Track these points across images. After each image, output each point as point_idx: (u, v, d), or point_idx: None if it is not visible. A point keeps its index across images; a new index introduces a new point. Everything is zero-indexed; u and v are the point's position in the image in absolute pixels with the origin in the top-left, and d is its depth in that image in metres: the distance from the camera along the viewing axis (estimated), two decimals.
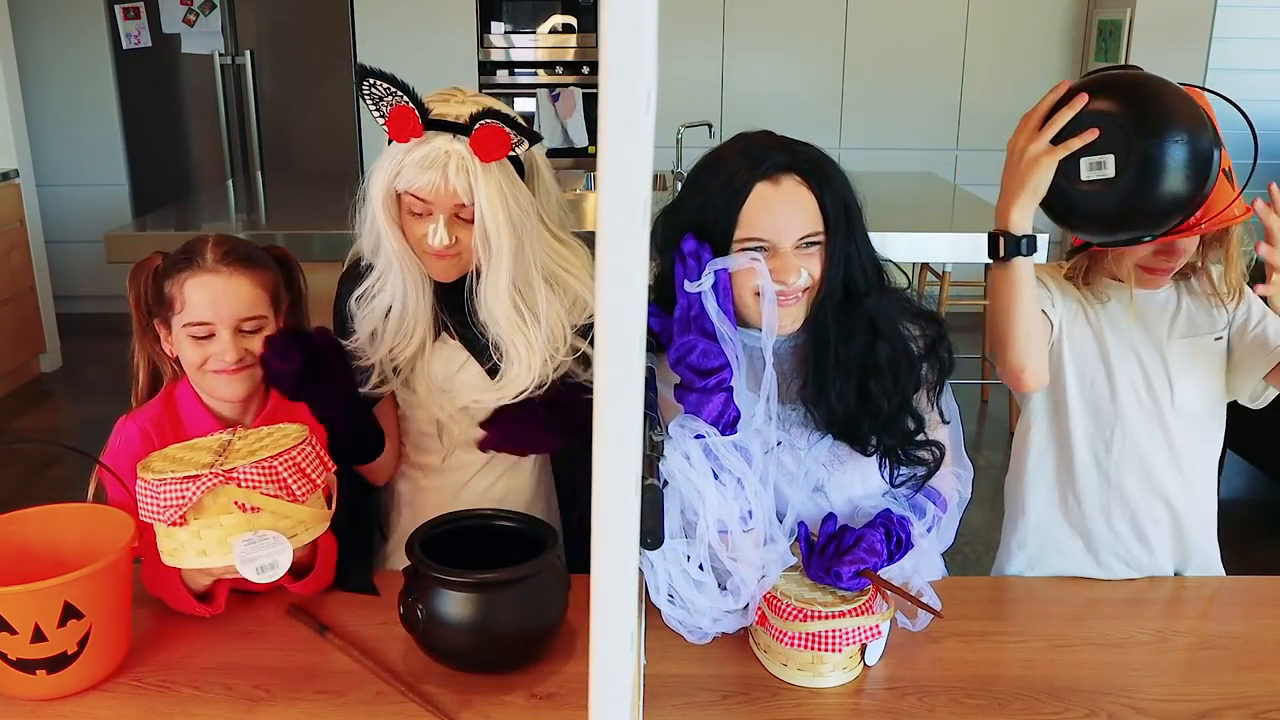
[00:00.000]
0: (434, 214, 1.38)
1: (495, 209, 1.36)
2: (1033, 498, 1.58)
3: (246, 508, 1.22)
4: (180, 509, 1.20)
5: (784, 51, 5.30)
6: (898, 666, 1.30)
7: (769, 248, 1.29)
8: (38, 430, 4.19)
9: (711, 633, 1.32)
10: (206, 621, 1.36)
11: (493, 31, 5.32)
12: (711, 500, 1.28)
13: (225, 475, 1.21)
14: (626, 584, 0.59)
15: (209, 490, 1.21)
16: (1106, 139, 1.26)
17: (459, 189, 1.35)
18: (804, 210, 1.29)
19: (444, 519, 1.37)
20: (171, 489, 1.21)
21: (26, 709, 1.21)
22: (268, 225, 3.58)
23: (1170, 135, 1.24)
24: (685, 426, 1.29)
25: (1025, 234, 1.30)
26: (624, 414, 0.55)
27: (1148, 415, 1.49)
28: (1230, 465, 3.73)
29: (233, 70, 5.43)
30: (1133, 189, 1.26)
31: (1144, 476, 1.51)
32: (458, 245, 1.40)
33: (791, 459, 1.38)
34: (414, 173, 1.35)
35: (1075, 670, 1.30)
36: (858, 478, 1.41)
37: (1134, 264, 1.45)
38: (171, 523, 1.21)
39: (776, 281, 1.28)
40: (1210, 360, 1.50)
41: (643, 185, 0.51)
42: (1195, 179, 1.26)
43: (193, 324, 1.39)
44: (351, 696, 1.23)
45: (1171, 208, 1.28)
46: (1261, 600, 1.48)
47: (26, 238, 4.68)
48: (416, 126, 1.35)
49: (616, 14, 0.48)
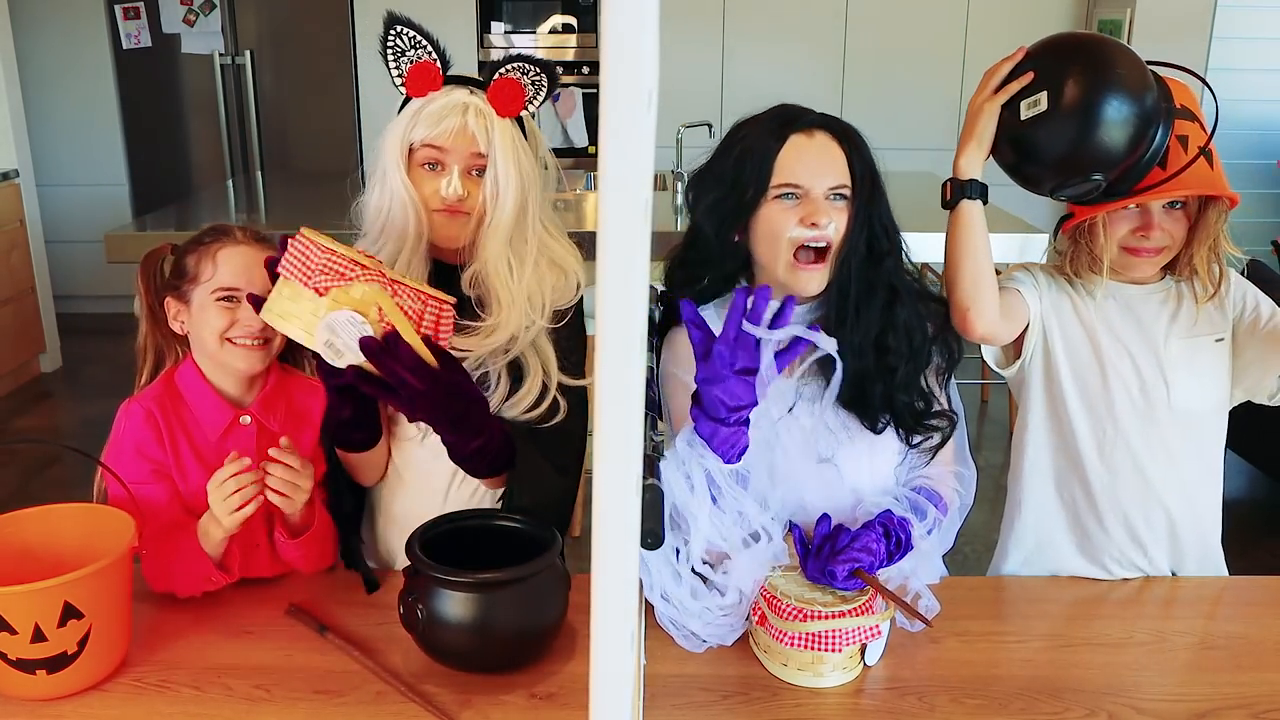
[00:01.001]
0: (448, 166, 1.39)
1: (508, 160, 1.38)
2: (1029, 495, 1.58)
3: (382, 318, 1.24)
4: (334, 279, 1.22)
5: (784, 51, 5.30)
6: (898, 666, 1.30)
7: (802, 194, 1.35)
8: (38, 430, 4.19)
9: (705, 638, 1.31)
10: (206, 621, 1.36)
11: (493, 31, 5.32)
12: (703, 524, 1.29)
13: (389, 281, 1.24)
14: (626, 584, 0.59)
15: (368, 282, 1.23)
16: (1042, 78, 1.36)
17: (477, 135, 1.37)
18: (835, 163, 1.36)
19: (444, 519, 1.37)
20: (337, 260, 1.22)
21: (26, 709, 1.21)
22: (268, 225, 3.58)
23: (1101, 70, 1.33)
24: (692, 448, 1.29)
25: (971, 178, 1.41)
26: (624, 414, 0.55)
27: (1141, 415, 1.49)
28: (1230, 465, 3.72)
29: (233, 70, 5.43)
30: (1068, 118, 1.34)
31: (1138, 477, 1.51)
32: (469, 200, 1.40)
33: (801, 429, 1.41)
34: (432, 121, 1.37)
35: (1075, 670, 1.30)
36: (865, 452, 1.42)
37: (1117, 246, 1.45)
38: (314, 287, 1.22)
39: (809, 225, 1.34)
40: (1212, 362, 1.50)
41: (643, 185, 0.51)
42: (1131, 117, 1.32)
43: (223, 289, 1.42)
44: (351, 696, 1.23)
45: (1109, 141, 1.33)
46: (1261, 600, 1.48)
47: (26, 238, 4.68)
48: (437, 78, 1.38)
49: (617, 14, 0.48)
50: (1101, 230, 1.44)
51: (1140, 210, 1.42)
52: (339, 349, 1.24)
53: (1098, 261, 1.46)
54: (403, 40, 1.38)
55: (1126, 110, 1.32)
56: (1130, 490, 1.51)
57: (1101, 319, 1.49)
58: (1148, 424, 1.49)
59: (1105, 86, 1.32)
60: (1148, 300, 1.50)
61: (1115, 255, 1.45)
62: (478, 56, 5.31)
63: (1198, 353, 1.49)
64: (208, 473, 1.43)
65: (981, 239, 1.42)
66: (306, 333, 1.25)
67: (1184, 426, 1.50)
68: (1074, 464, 1.53)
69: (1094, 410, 1.51)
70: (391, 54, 1.39)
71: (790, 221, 1.34)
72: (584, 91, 5.32)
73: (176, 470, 1.47)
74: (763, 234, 1.37)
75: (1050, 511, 1.57)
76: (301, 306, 1.24)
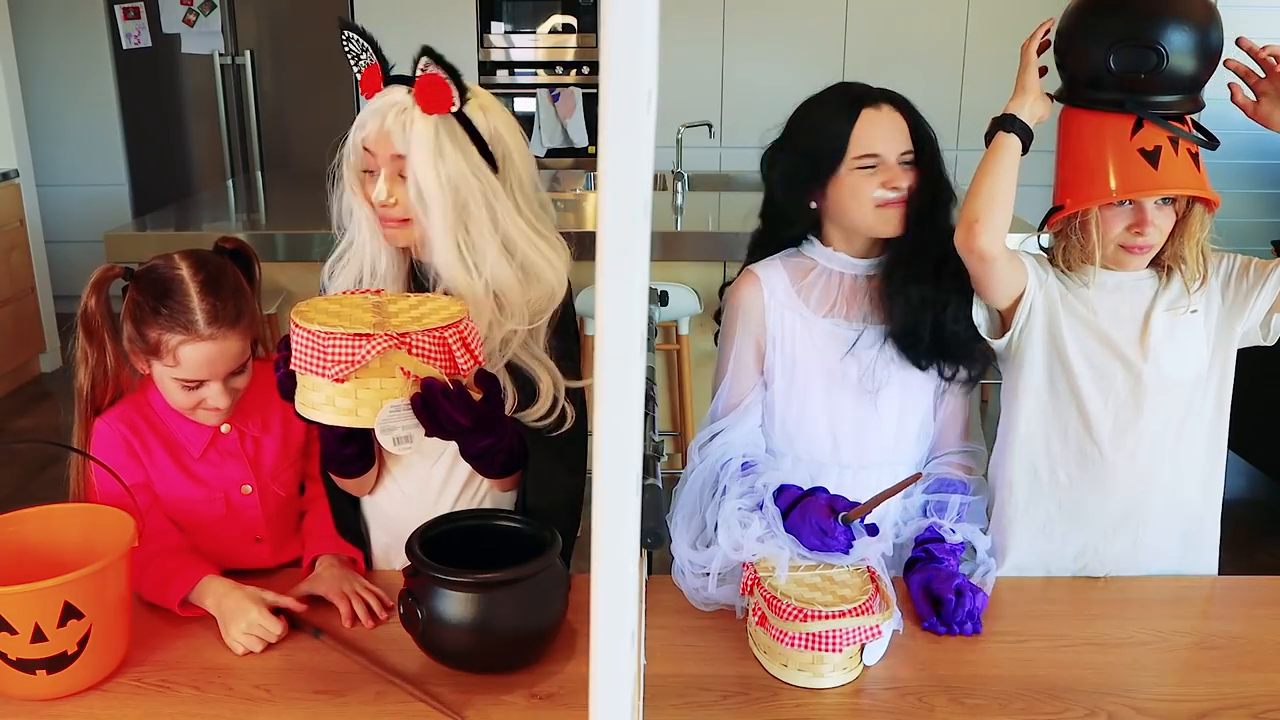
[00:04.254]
0: (377, 170, 1.38)
1: (425, 161, 1.33)
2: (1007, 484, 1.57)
3: (410, 375, 1.21)
4: (348, 366, 1.17)
5: (784, 51, 5.30)
6: (898, 666, 1.30)
7: (879, 162, 1.49)
8: (38, 430, 4.18)
9: (715, 594, 1.41)
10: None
11: (493, 31, 5.32)
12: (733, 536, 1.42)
13: (400, 339, 1.19)
14: (626, 584, 0.59)
15: (380, 353, 1.18)
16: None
17: (394, 135, 1.34)
18: (902, 131, 1.51)
19: (444, 519, 1.37)
20: (342, 344, 1.17)
21: (26, 709, 1.21)
22: (268, 225, 3.58)
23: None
24: (771, 534, 1.40)
25: (1011, 114, 1.47)
26: (624, 414, 0.55)
27: (1129, 392, 1.49)
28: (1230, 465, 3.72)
29: (233, 70, 5.43)
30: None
31: (1128, 457, 1.50)
32: (397, 207, 1.37)
33: (855, 365, 1.56)
34: (364, 122, 1.37)
35: (1075, 670, 1.30)
36: (897, 393, 1.56)
37: (1113, 242, 1.45)
38: (335, 379, 1.18)
39: (891, 189, 1.49)
40: (1188, 334, 1.50)
41: (643, 185, 0.51)
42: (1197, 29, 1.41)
43: (184, 381, 1.40)
44: (351, 697, 1.23)
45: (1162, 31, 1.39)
46: (1261, 600, 1.48)
47: (26, 238, 4.68)
48: (378, 80, 1.38)
49: (617, 14, 0.48)
50: (1094, 227, 1.44)
51: (1134, 207, 1.43)
52: (401, 436, 1.22)
53: (1090, 257, 1.46)
54: (354, 45, 1.38)
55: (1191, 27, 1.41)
56: (1115, 481, 1.51)
57: (1089, 312, 1.50)
58: (1134, 400, 1.49)
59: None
60: (1133, 295, 1.50)
61: (1109, 251, 1.46)
62: (478, 57, 5.31)
63: (1176, 325, 1.50)
64: (191, 482, 1.44)
65: (1007, 167, 1.46)
66: (342, 417, 1.22)
67: (1168, 398, 1.50)
68: (1064, 438, 1.53)
69: (1068, 398, 1.51)
70: (350, 58, 1.40)
71: (872, 185, 1.49)
72: (584, 91, 5.32)
73: (158, 482, 1.47)
74: (846, 198, 1.51)
75: (1030, 499, 1.56)
76: (328, 394, 1.22)
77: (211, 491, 1.48)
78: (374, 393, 1.20)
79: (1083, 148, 1.46)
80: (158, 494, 1.47)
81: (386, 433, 1.21)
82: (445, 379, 1.23)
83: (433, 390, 1.22)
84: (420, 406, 1.23)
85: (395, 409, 1.21)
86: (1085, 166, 1.44)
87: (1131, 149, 1.41)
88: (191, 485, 1.48)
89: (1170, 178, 1.40)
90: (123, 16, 5.33)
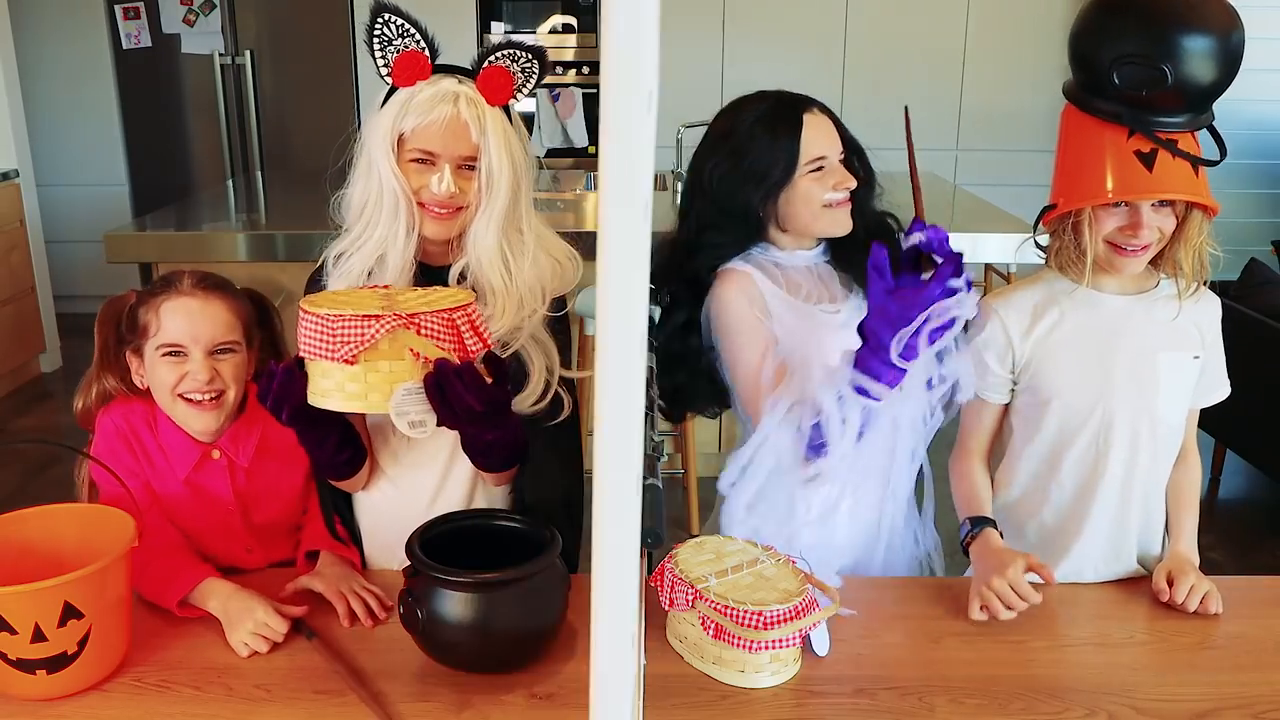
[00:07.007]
0: (439, 162, 1.36)
1: (501, 147, 1.35)
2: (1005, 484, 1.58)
3: (420, 356, 1.20)
4: (357, 346, 1.16)
5: (784, 51, 5.30)
6: (899, 667, 1.30)
7: (827, 165, 1.55)
8: (38, 430, 4.18)
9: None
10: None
11: (493, 31, 5.32)
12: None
13: (408, 319, 1.18)
14: (626, 584, 0.59)
15: (389, 332, 1.17)
16: None
17: (470, 124, 1.34)
18: (833, 133, 1.58)
19: (444, 519, 1.37)
20: (350, 326, 1.17)
21: (26, 709, 1.21)
22: (268, 225, 3.57)
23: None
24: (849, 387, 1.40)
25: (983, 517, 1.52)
26: (624, 414, 0.55)
27: (1129, 424, 1.49)
28: (1230, 465, 3.73)
29: (233, 70, 5.43)
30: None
31: (1121, 484, 1.52)
32: (460, 196, 1.37)
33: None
34: (423, 110, 1.34)
35: (1075, 670, 1.30)
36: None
37: (1103, 242, 1.45)
38: (344, 360, 1.17)
39: (844, 189, 1.56)
40: (1187, 378, 1.51)
41: (643, 185, 0.51)
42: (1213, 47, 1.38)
43: (167, 345, 1.40)
44: (351, 696, 1.23)
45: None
46: (1261, 600, 1.48)
47: (26, 238, 4.68)
48: (426, 67, 1.35)
49: (617, 14, 0.48)
50: (1087, 227, 1.44)
51: (1129, 209, 1.42)
52: (415, 420, 1.22)
53: (1083, 257, 1.46)
54: (391, 28, 1.35)
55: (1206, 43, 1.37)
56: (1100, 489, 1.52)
57: (1092, 329, 1.49)
58: (1136, 432, 1.49)
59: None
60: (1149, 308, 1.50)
61: (1101, 252, 1.45)
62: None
63: (1179, 367, 1.50)
64: (180, 490, 1.45)
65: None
66: (352, 402, 1.21)
67: (1164, 436, 1.51)
68: (1043, 460, 1.54)
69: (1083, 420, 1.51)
70: (378, 42, 1.36)
71: (824, 189, 1.55)
72: (584, 91, 5.32)
73: (154, 480, 1.47)
74: (799, 204, 1.55)
75: (1024, 501, 1.57)
76: (337, 380, 1.21)
77: (202, 503, 1.49)
78: (383, 376, 1.20)
79: (1081, 147, 1.45)
80: (155, 492, 1.47)
81: (401, 417, 1.20)
82: (456, 360, 1.22)
83: (445, 371, 1.21)
84: (433, 387, 1.21)
85: (409, 392, 1.20)
86: (1082, 166, 1.44)
87: (1128, 151, 1.40)
88: (178, 493, 1.48)
89: (1165, 182, 1.39)
90: (123, 16, 5.33)
